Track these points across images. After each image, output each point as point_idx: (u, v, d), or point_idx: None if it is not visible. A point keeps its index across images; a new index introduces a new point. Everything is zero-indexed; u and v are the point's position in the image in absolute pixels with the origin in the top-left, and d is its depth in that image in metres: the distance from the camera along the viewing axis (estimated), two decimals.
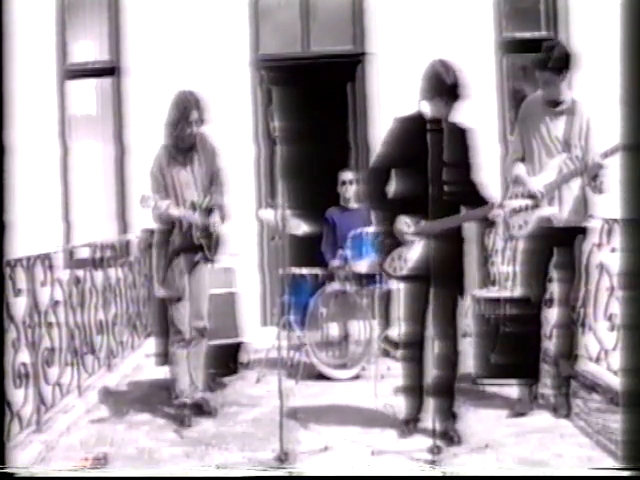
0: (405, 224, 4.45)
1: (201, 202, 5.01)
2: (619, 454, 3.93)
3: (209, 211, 5.03)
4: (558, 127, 4.76)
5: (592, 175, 4.61)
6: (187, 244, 5.00)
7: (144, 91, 7.59)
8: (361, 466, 4.15)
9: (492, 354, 5.18)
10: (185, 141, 5.00)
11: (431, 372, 4.58)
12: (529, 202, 4.49)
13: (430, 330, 4.55)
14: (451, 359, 4.54)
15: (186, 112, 4.92)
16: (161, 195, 4.88)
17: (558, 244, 4.86)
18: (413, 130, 4.43)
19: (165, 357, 5.33)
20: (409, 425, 4.64)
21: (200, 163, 5.06)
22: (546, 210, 4.73)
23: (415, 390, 4.65)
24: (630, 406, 3.65)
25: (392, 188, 4.56)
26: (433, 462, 4.11)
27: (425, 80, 4.44)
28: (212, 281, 5.56)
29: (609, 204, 4.47)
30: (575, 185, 4.74)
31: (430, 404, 4.49)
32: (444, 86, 4.34)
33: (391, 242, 4.52)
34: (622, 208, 3.80)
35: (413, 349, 4.63)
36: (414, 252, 4.47)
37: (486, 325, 5.26)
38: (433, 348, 4.52)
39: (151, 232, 5.47)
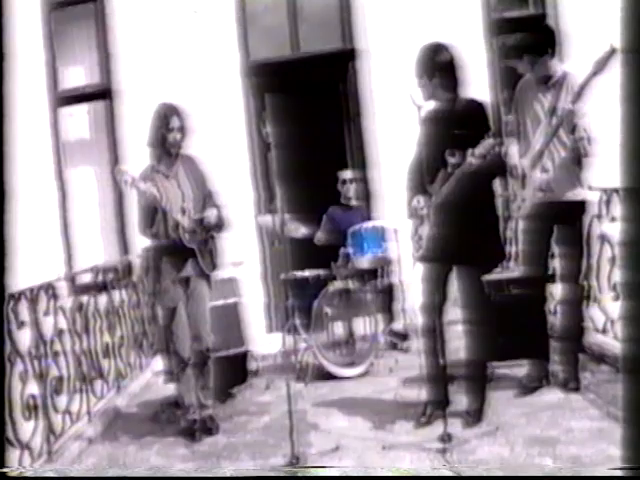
0: (416, 201, 4.43)
1: (191, 213, 4.90)
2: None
3: (200, 221, 4.92)
4: (549, 100, 4.73)
5: (570, 128, 4.55)
6: (175, 247, 4.88)
7: (137, 111, 7.57)
8: (373, 465, 4.10)
9: (499, 335, 5.13)
10: (169, 151, 4.94)
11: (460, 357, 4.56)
12: (491, 141, 4.29)
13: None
14: (478, 344, 4.48)
15: (166, 119, 4.88)
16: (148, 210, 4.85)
17: (558, 219, 4.82)
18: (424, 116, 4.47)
19: (173, 374, 5.30)
20: (430, 415, 4.56)
21: (187, 176, 4.97)
22: (537, 179, 4.68)
23: (435, 378, 4.54)
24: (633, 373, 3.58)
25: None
26: (444, 450, 4.08)
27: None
28: (215, 293, 5.52)
29: (604, 174, 4.41)
30: (561, 151, 4.67)
31: (463, 387, 4.55)
32: (431, 64, 4.39)
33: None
34: (621, 176, 3.74)
35: (427, 336, 4.54)
36: (424, 230, 4.40)
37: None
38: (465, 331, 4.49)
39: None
